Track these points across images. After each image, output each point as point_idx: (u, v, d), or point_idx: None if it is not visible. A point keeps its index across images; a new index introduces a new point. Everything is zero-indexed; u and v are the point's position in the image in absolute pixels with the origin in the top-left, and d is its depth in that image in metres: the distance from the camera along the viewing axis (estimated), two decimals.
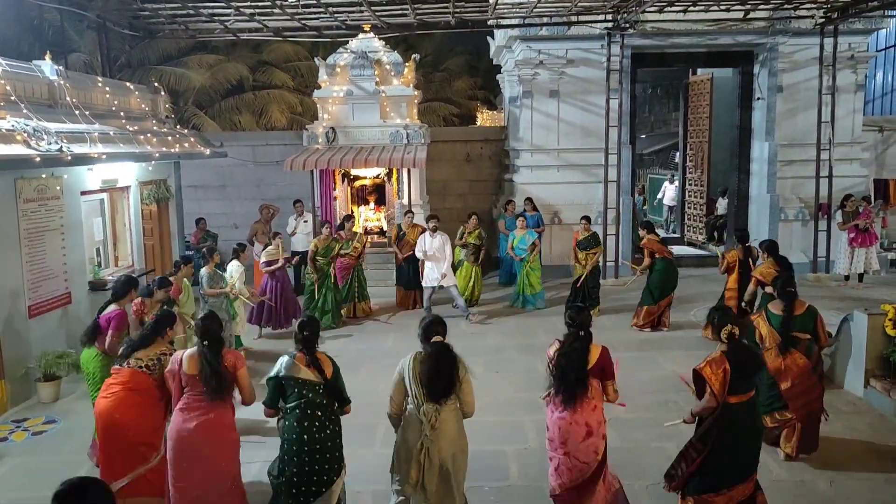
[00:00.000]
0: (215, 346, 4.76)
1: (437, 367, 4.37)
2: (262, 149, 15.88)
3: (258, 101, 21.96)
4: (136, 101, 11.18)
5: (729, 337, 4.65)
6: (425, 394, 4.39)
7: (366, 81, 13.25)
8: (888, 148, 14.97)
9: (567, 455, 4.62)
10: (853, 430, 6.64)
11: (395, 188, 13.76)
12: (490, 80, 20.02)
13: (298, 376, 4.48)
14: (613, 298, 11.74)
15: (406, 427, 4.51)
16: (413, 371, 4.44)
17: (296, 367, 4.50)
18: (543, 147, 14.25)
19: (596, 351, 4.65)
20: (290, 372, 4.48)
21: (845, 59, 13.70)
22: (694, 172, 16.28)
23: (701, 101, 15.90)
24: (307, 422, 4.44)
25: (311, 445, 4.44)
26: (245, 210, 15.05)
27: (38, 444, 6.81)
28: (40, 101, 8.56)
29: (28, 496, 5.75)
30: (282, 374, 4.49)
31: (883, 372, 7.26)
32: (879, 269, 12.87)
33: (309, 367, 4.51)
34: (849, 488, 5.56)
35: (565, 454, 4.63)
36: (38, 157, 7.30)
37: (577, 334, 4.66)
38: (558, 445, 4.66)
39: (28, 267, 7.98)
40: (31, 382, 7.88)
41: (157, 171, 11.38)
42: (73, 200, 8.95)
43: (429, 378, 4.37)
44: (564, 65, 13.97)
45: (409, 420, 4.50)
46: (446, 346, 4.49)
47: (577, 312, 4.76)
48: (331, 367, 4.61)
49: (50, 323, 8.35)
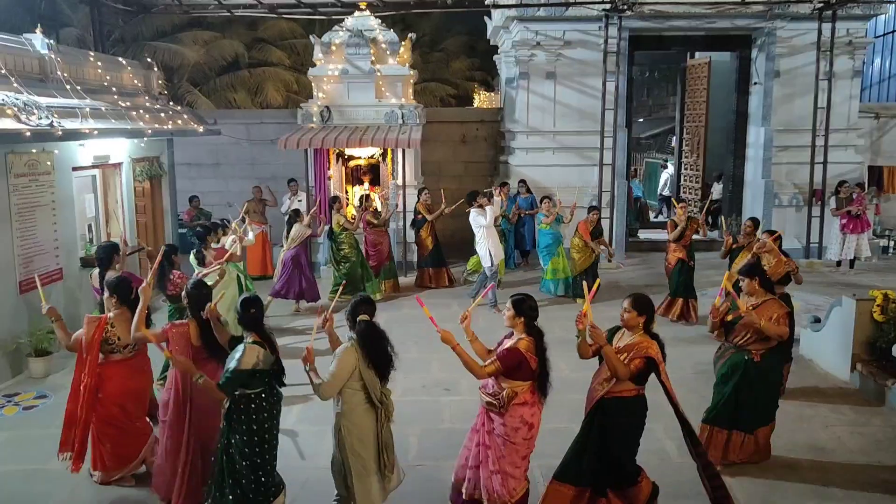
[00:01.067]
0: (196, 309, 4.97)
1: (378, 345, 4.40)
2: (257, 127, 15.80)
3: (253, 78, 21.80)
4: (128, 76, 11.10)
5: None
6: (378, 375, 4.40)
7: (361, 60, 13.15)
8: (884, 135, 14.97)
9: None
10: (838, 414, 6.71)
11: (390, 168, 13.72)
12: (488, 61, 19.88)
13: (268, 361, 4.38)
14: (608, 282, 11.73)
15: (360, 416, 4.39)
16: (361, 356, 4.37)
17: (262, 351, 4.36)
18: (539, 129, 14.21)
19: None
20: (265, 361, 4.37)
21: (843, 44, 13.65)
22: (690, 157, 16.25)
23: (698, 86, 15.84)
24: (276, 403, 4.51)
25: (276, 427, 4.51)
26: (239, 188, 14.97)
27: (29, 418, 6.85)
28: (31, 75, 8.48)
29: (18, 469, 5.80)
30: (259, 368, 4.33)
31: (869, 357, 7.33)
32: (871, 256, 12.92)
33: (267, 348, 4.43)
34: (830, 470, 5.64)
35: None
36: (29, 131, 7.25)
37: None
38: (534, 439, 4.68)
39: (19, 242, 7.96)
40: (23, 357, 7.90)
41: (150, 148, 11.32)
42: (64, 176, 8.90)
43: (374, 358, 4.36)
44: (561, 46, 13.89)
45: (360, 408, 4.39)
46: (374, 323, 4.48)
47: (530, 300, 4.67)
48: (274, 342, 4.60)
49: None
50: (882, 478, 5.53)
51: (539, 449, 4.90)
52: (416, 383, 7.48)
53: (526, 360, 4.41)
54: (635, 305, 4.58)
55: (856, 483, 5.44)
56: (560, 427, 4.79)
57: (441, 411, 6.90)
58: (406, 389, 7.25)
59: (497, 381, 4.49)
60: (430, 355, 8.06)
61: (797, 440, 6.14)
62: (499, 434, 4.49)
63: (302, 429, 6.41)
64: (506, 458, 4.50)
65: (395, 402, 4.60)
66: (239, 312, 4.45)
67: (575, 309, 7.65)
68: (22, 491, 5.46)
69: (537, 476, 5.37)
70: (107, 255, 6.72)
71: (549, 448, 5.08)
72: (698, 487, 5.04)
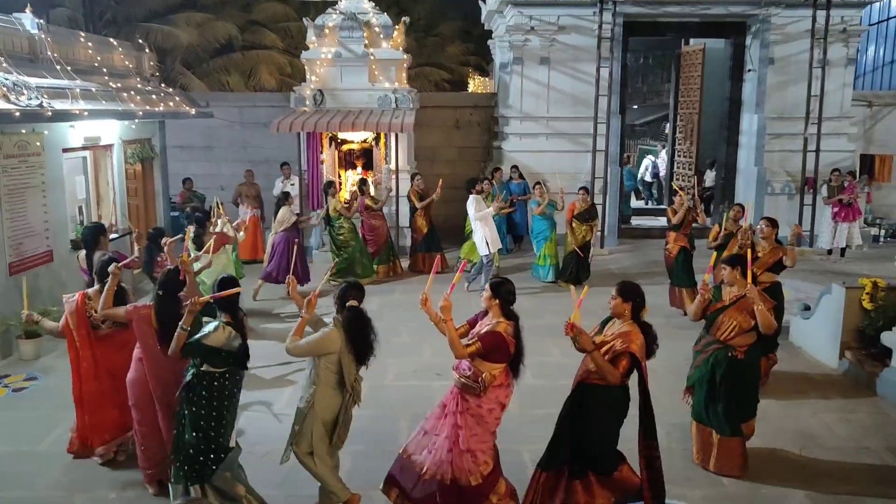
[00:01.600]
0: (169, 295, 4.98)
1: (361, 331, 4.54)
2: (249, 110, 15.71)
3: (247, 61, 21.65)
4: (119, 57, 11.00)
5: None
6: (355, 360, 4.57)
7: (354, 43, 13.07)
8: (876, 123, 15.00)
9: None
10: (826, 401, 6.76)
11: (383, 153, 13.67)
12: (483, 46, 19.75)
13: (228, 346, 4.38)
14: (600, 269, 11.78)
15: (329, 395, 4.58)
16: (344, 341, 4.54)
17: (232, 333, 4.39)
18: (533, 115, 14.18)
19: None
20: (232, 344, 4.38)
21: (837, 32, 13.63)
22: (683, 144, 16.25)
23: (692, 72, 15.80)
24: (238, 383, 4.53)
25: (234, 406, 4.54)
26: (231, 172, 14.92)
27: (19, 400, 6.84)
28: (20, 55, 8.41)
29: (8, 450, 5.80)
30: (213, 347, 4.33)
31: (857, 344, 7.38)
32: (862, 244, 12.98)
33: (237, 331, 4.44)
34: (818, 457, 5.69)
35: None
36: (18, 111, 7.19)
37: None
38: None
39: (8, 224, 7.91)
40: (13, 340, 7.88)
41: (142, 130, 11.25)
42: (54, 157, 8.83)
43: (355, 343, 4.52)
44: (556, 31, 13.84)
45: (330, 387, 4.58)
46: (362, 310, 4.63)
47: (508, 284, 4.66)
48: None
49: (31, 280, 8.28)
50: (869, 464, 5.59)
51: (529, 434, 4.94)
52: (407, 368, 7.49)
53: (505, 343, 4.45)
54: (621, 292, 4.57)
55: (843, 470, 5.49)
56: (552, 413, 4.80)
57: (432, 396, 6.85)
58: (398, 374, 7.27)
59: (473, 363, 4.51)
60: (421, 340, 8.07)
61: (785, 427, 6.18)
62: (473, 414, 4.55)
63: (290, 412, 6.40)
64: (477, 437, 4.56)
65: (387, 386, 4.66)
66: (215, 292, 4.51)
67: (565, 295, 7.64)
68: (13, 472, 5.47)
69: (526, 460, 5.40)
70: (93, 236, 6.73)
71: (540, 433, 5.08)
72: (687, 472, 5.08)
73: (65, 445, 5.61)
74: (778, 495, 5.10)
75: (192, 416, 4.42)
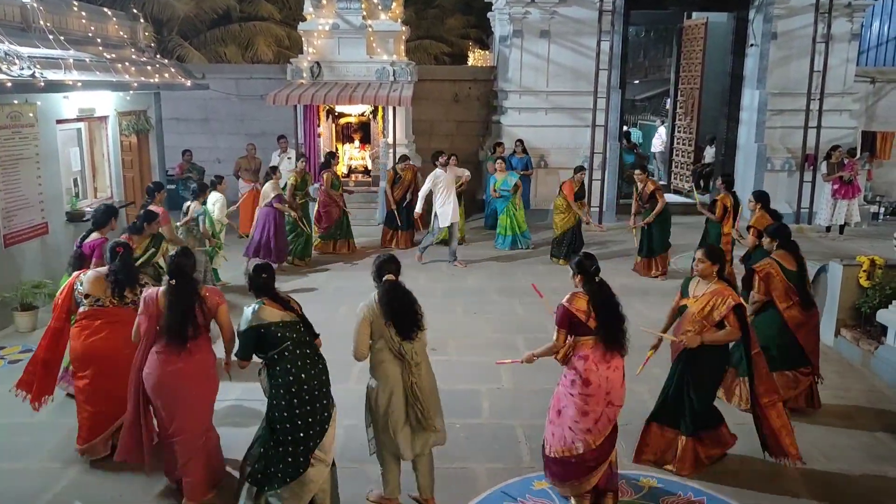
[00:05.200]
0: (186, 285, 4.56)
1: (396, 305, 4.36)
2: (246, 82, 15.55)
3: (244, 32, 21.37)
4: (114, 28, 10.86)
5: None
6: (397, 332, 4.37)
7: (352, 15, 12.91)
8: (879, 100, 14.86)
9: (610, 405, 4.45)
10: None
11: (381, 126, 13.59)
12: (484, 18, 19.47)
13: (278, 320, 4.27)
14: (597, 244, 11.77)
15: (383, 370, 4.42)
16: (379, 313, 4.37)
17: (270, 311, 4.28)
18: (532, 89, 14.05)
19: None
20: (268, 318, 4.25)
21: (842, 6, 13.45)
22: (684, 119, 16.13)
23: (694, 47, 15.64)
24: (300, 361, 4.25)
25: (309, 383, 4.24)
26: (228, 145, 14.83)
27: (15, 372, 6.78)
28: (12, 24, 8.29)
29: (5, 422, 5.82)
30: (262, 324, 4.23)
31: (854, 322, 7.39)
32: (860, 222, 12.93)
33: (283, 309, 4.34)
34: (812, 435, 5.70)
35: (609, 404, 4.44)
36: (10, 81, 7.11)
37: (597, 281, 4.52)
38: (603, 398, 4.42)
39: (2, 196, 7.86)
40: (8, 312, 7.86)
41: (137, 101, 11.14)
42: (48, 129, 8.76)
43: (393, 317, 4.34)
44: (556, 3, 13.65)
45: (383, 362, 4.42)
46: (398, 283, 4.46)
47: (590, 259, 4.57)
48: (298, 304, 4.50)
49: (26, 253, 8.28)
50: (864, 441, 5.60)
51: (520, 407, 4.90)
52: None
53: (570, 313, 4.43)
54: (709, 256, 4.95)
55: (837, 447, 5.50)
56: (547, 388, 4.78)
57: None
58: None
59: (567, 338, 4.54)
60: None
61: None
62: (562, 385, 4.55)
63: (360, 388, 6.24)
64: (566, 411, 4.48)
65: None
66: (251, 277, 4.39)
67: (555, 268, 7.57)
68: (9, 443, 5.49)
69: (519, 435, 5.41)
70: (105, 218, 6.50)
71: (533, 407, 5.09)
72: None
73: (60, 417, 5.64)
74: (771, 472, 5.11)
75: (267, 407, 4.28)
